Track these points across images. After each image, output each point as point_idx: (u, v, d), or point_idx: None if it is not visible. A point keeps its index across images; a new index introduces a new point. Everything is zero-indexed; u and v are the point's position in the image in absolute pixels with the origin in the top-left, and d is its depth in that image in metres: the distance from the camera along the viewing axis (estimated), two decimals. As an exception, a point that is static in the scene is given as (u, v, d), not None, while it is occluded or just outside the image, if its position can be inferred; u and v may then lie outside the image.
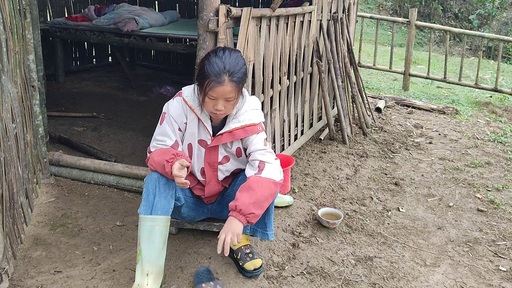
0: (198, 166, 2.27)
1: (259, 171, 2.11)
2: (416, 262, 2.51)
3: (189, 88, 2.20)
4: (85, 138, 3.94)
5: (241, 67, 2.05)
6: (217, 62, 2.00)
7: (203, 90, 2.02)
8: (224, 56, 2.02)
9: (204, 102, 2.06)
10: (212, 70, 1.99)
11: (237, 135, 2.17)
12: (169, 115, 2.18)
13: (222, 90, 1.99)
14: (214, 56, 2.03)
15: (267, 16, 2.94)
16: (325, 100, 4.20)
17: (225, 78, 1.99)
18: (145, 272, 2.03)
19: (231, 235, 1.97)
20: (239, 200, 2.01)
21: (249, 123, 2.17)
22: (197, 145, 2.22)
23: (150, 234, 2.06)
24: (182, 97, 2.18)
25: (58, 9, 5.83)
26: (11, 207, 2.10)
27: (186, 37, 4.61)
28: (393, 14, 14.45)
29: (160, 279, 2.09)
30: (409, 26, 6.88)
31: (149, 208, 2.07)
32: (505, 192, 3.48)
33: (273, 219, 2.31)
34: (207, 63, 2.02)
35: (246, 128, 2.17)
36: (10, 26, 2.31)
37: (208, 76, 1.99)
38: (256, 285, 2.20)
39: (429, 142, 4.50)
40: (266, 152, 2.18)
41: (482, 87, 6.63)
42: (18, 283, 2.10)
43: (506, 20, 13.73)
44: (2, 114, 2.02)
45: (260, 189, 2.04)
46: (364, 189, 3.38)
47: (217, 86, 1.98)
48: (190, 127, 2.19)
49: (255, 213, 2.02)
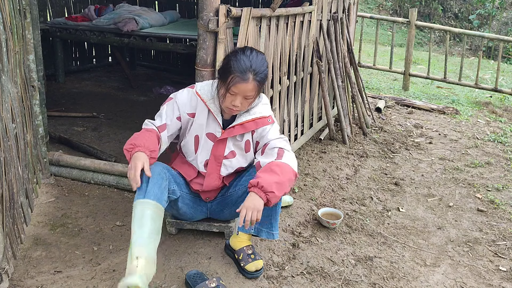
0: (202, 158, 2.28)
1: (278, 157, 2.13)
2: (416, 262, 2.51)
3: (203, 83, 2.27)
4: (85, 138, 3.94)
5: (265, 69, 2.11)
6: (244, 60, 2.05)
7: (226, 84, 2.06)
8: (251, 56, 2.08)
9: (222, 95, 2.10)
10: (238, 67, 2.04)
11: (248, 127, 2.21)
12: (174, 100, 2.24)
13: (245, 87, 2.05)
14: (242, 54, 2.08)
15: (267, 16, 2.94)
16: (325, 100, 4.21)
17: (249, 76, 2.04)
18: (134, 256, 1.90)
19: (252, 210, 1.95)
20: (262, 178, 2.00)
21: (260, 116, 2.22)
22: (205, 137, 2.25)
23: (141, 218, 1.99)
24: (194, 90, 2.23)
25: (58, 9, 5.83)
26: (11, 207, 2.10)
27: (186, 37, 4.62)
28: (393, 14, 14.45)
29: (152, 269, 1.94)
30: (409, 26, 6.88)
31: (142, 194, 2.03)
32: (505, 192, 3.48)
33: (279, 219, 2.32)
34: (234, 59, 2.07)
35: (257, 120, 2.21)
36: (10, 26, 2.31)
37: (233, 71, 2.04)
38: (256, 285, 2.20)
39: (429, 142, 4.50)
40: (283, 141, 2.21)
41: (482, 87, 6.63)
42: (18, 283, 2.10)
43: (506, 20, 13.73)
44: (2, 114, 2.02)
45: (282, 172, 2.04)
46: (364, 189, 3.38)
47: (240, 83, 2.03)
48: (199, 119, 2.22)
49: (275, 193, 1.99)
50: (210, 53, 2.56)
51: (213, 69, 2.59)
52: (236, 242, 2.33)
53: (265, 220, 2.26)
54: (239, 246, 2.31)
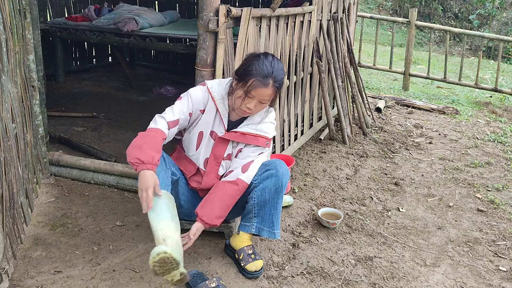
0: (204, 156, 2.29)
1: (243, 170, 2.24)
2: (416, 262, 2.51)
3: (214, 82, 2.28)
4: (85, 138, 3.94)
5: (283, 76, 2.17)
6: (267, 65, 2.10)
7: (245, 87, 2.08)
8: (273, 62, 2.13)
9: (239, 97, 2.11)
10: (261, 71, 2.08)
11: (247, 140, 2.25)
12: (189, 95, 2.24)
13: (264, 92, 2.09)
14: (265, 59, 2.13)
15: (267, 16, 2.94)
16: (325, 100, 4.21)
17: (270, 82, 2.09)
18: (160, 240, 1.87)
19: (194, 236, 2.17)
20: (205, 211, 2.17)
21: (264, 135, 2.26)
22: (208, 136, 2.26)
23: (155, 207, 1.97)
24: (206, 87, 2.24)
25: (58, 9, 5.83)
26: (11, 207, 2.10)
27: (186, 37, 4.62)
28: (393, 14, 14.45)
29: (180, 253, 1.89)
30: (409, 26, 6.88)
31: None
32: (505, 192, 3.48)
33: (280, 218, 2.32)
34: (257, 63, 2.10)
35: (259, 138, 2.25)
36: (10, 26, 2.31)
37: (255, 75, 2.07)
38: (256, 285, 2.20)
39: (429, 142, 4.50)
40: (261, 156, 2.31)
41: (482, 87, 6.63)
42: (18, 283, 2.10)
43: (506, 20, 13.73)
44: (2, 114, 2.02)
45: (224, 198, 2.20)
46: (364, 189, 3.38)
47: (261, 87, 2.07)
48: (207, 115, 2.24)
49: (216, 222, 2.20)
50: (210, 53, 2.56)
51: (213, 69, 2.59)
52: (236, 242, 2.33)
53: (266, 219, 2.27)
54: (240, 246, 2.31)
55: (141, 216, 2.72)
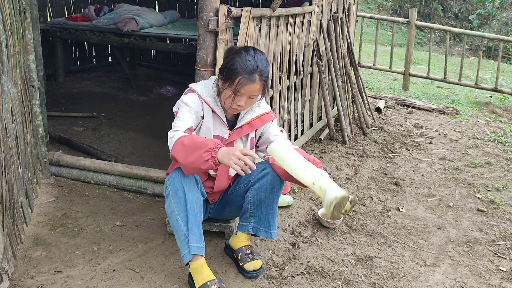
0: None
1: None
2: (416, 262, 2.51)
3: (200, 85, 2.23)
4: (85, 138, 3.94)
5: (268, 68, 2.14)
6: (250, 60, 2.06)
7: (233, 86, 2.05)
8: (256, 56, 2.08)
9: (228, 97, 2.08)
10: (245, 68, 2.04)
11: (255, 125, 2.24)
12: (185, 103, 2.13)
13: (252, 88, 2.06)
14: (246, 54, 2.07)
15: (267, 16, 2.94)
16: (325, 100, 4.20)
17: (256, 77, 2.06)
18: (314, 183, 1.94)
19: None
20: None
21: (263, 112, 2.26)
22: None
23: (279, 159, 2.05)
24: (196, 93, 2.18)
25: (58, 9, 5.83)
26: (11, 207, 2.10)
27: (186, 37, 4.61)
28: (393, 14, 14.45)
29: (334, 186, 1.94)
30: (409, 26, 6.88)
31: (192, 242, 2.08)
32: (505, 192, 3.48)
33: (276, 218, 2.32)
34: (240, 60, 2.05)
35: (262, 117, 2.25)
36: (10, 26, 2.31)
37: (240, 73, 2.04)
38: (256, 285, 2.20)
39: (429, 142, 4.50)
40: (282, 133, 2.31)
41: (482, 87, 6.63)
42: (18, 283, 2.10)
43: (506, 20, 13.74)
44: (2, 114, 2.02)
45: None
46: (364, 189, 3.38)
47: (248, 84, 2.05)
48: (206, 121, 2.20)
49: None
50: (210, 53, 2.56)
51: (213, 69, 2.58)
52: (235, 242, 2.33)
53: (262, 219, 2.27)
54: (238, 246, 2.31)
55: (141, 216, 2.73)
